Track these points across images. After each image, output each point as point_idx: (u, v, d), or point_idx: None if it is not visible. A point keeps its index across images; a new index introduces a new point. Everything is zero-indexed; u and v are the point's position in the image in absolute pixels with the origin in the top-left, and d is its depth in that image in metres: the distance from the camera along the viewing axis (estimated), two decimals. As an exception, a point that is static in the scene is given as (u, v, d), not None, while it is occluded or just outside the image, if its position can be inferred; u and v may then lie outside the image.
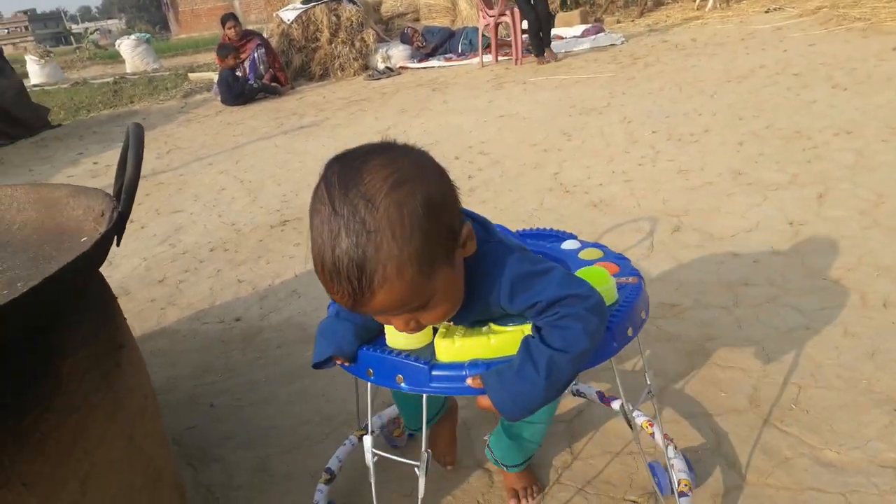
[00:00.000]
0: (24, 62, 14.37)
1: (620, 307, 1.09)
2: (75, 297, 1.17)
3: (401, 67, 8.75)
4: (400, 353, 1.04)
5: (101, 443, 1.06)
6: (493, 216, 2.93)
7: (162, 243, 3.32)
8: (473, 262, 0.98)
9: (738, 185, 2.91)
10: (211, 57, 12.07)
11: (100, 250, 1.13)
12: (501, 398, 0.95)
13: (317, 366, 1.11)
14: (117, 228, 1.22)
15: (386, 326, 1.07)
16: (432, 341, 1.05)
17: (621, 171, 3.33)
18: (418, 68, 8.62)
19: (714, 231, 2.49)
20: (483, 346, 1.01)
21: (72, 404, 1.03)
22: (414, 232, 0.84)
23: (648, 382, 1.26)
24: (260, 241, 3.13)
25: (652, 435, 1.43)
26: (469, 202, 3.15)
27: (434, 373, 1.00)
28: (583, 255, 1.30)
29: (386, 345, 1.07)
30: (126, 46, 14.65)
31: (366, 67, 8.99)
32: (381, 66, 8.79)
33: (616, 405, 1.48)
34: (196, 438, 1.68)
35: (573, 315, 0.94)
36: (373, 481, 1.18)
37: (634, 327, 1.09)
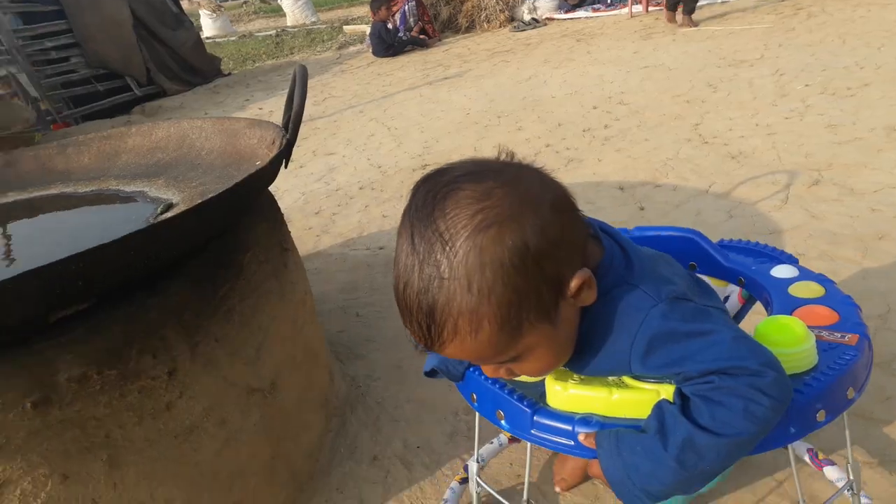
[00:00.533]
0: (198, 16, 15.55)
1: (814, 379, 0.80)
2: (252, 207, 1.43)
3: (547, 19, 8.69)
4: (505, 385, 0.89)
5: (272, 320, 1.32)
6: (625, 165, 3.00)
7: (318, 181, 3.68)
8: (597, 306, 0.78)
9: (891, 142, 2.78)
10: (365, 10, 12.53)
11: (272, 169, 1.36)
12: (614, 468, 0.76)
13: (428, 374, 1.00)
14: (285, 153, 1.46)
15: None
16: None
17: (766, 125, 3.25)
18: (565, 19, 8.53)
19: (855, 186, 2.43)
20: (602, 401, 0.82)
21: (250, 288, 1.28)
22: (496, 286, 0.69)
23: (851, 477, 1.02)
24: (402, 183, 3.39)
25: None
26: (602, 150, 3.22)
27: (536, 418, 0.84)
28: (794, 289, 0.97)
29: None
30: (287, 1, 15.46)
31: (511, 19, 9.01)
32: (526, 17, 8.78)
33: (832, 475, 1.20)
34: (344, 340, 1.97)
35: (734, 389, 0.71)
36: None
37: (830, 410, 0.80)
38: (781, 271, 1.02)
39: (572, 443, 0.81)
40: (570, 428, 0.81)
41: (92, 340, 1.00)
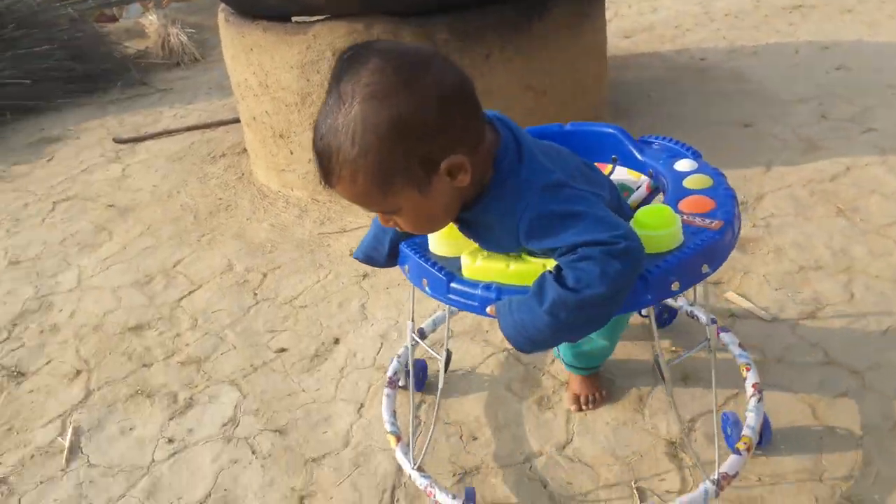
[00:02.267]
0: None
1: (672, 256, 0.97)
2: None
3: None
4: (429, 258, 1.07)
5: (571, 48, 2.29)
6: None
7: (696, 5, 4.22)
8: (493, 193, 0.94)
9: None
10: None
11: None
12: (507, 325, 0.94)
13: (357, 257, 1.20)
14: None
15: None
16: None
17: None
18: None
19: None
20: (501, 272, 0.99)
21: (556, 25, 2.20)
22: (371, 148, 0.84)
23: (709, 323, 1.17)
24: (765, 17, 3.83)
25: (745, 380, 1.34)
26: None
27: (452, 285, 1.01)
28: (688, 181, 1.15)
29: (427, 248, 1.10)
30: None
31: None
32: None
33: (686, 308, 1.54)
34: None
35: (592, 257, 0.87)
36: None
37: (684, 280, 0.97)
38: (683, 165, 1.19)
39: (476, 304, 0.99)
40: (476, 292, 0.99)
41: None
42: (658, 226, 0.97)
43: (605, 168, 1.28)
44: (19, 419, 1.63)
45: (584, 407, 1.43)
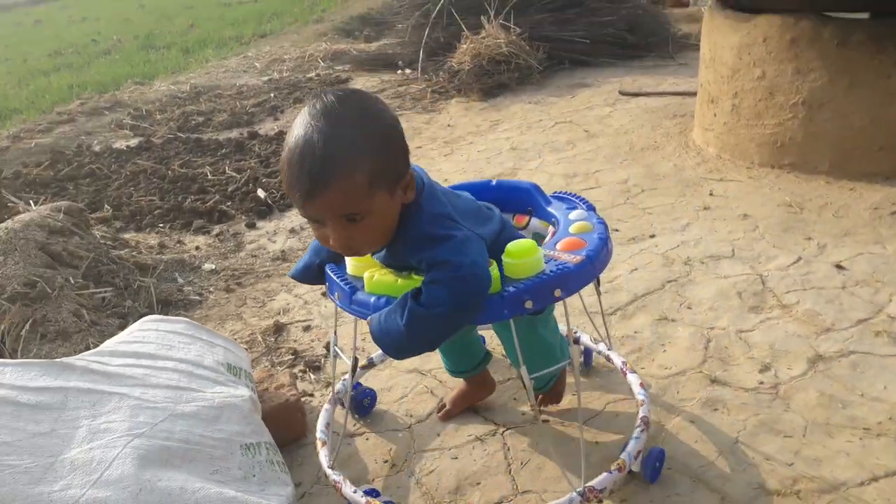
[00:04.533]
0: None
1: (529, 280, 1.16)
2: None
3: None
4: (342, 276, 1.30)
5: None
6: None
7: None
8: (405, 215, 1.17)
9: None
10: None
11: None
12: (377, 332, 1.15)
13: (293, 276, 1.43)
14: None
15: (346, 258, 1.31)
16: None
17: None
18: None
19: None
20: (391, 286, 1.20)
21: None
22: (372, 147, 1.08)
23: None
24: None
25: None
26: None
27: (353, 297, 1.23)
28: (573, 227, 1.33)
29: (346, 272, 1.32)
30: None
31: None
32: None
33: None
34: None
35: (441, 280, 1.10)
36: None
37: (537, 301, 1.16)
38: (575, 214, 1.38)
39: (369, 312, 1.20)
40: (370, 300, 1.21)
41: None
42: (521, 255, 1.18)
43: (524, 219, 1.49)
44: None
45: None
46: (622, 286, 2.15)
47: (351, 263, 1.31)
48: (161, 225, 2.98)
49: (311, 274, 1.38)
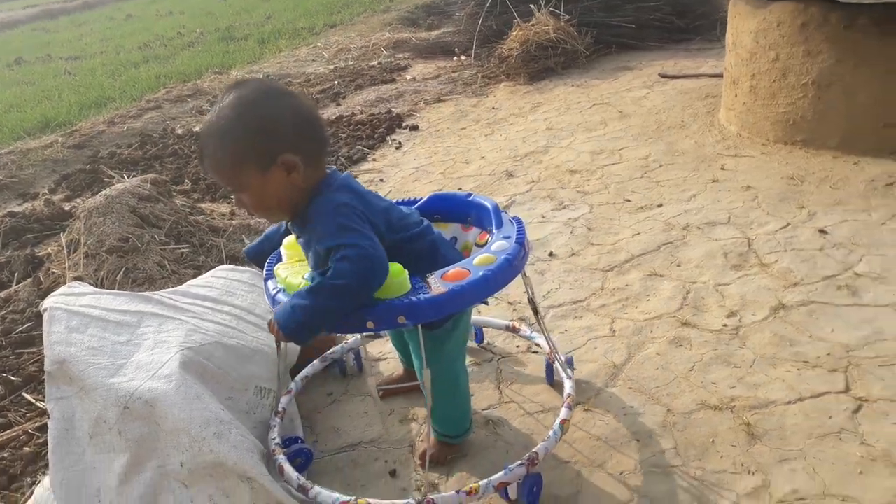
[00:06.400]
0: None
1: (392, 301, 1.28)
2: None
3: None
4: (276, 284, 1.46)
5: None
6: None
7: None
8: (313, 203, 1.34)
9: None
10: None
11: None
12: (280, 315, 1.29)
13: (247, 254, 1.66)
14: None
15: (281, 249, 1.54)
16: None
17: None
18: None
19: None
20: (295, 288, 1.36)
21: None
22: (229, 135, 1.30)
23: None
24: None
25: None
26: None
27: (276, 297, 1.40)
28: (478, 259, 1.38)
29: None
30: None
31: None
32: None
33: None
34: None
35: (348, 257, 1.24)
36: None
37: (378, 323, 1.30)
38: (497, 245, 1.43)
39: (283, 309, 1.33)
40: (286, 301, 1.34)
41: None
42: (393, 274, 1.30)
43: (485, 237, 1.58)
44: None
45: (430, 463, 1.59)
46: (623, 248, 2.43)
47: (286, 253, 1.54)
48: (231, 197, 3.41)
49: (262, 258, 1.61)
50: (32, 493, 1.66)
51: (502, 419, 1.73)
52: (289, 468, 1.54)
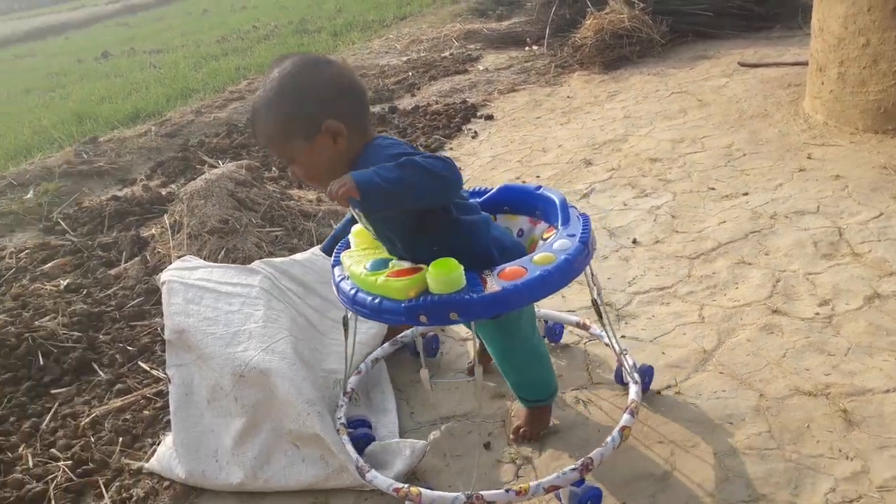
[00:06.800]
0: None
1: (445, 297, 1.28)
2: None
3: None
4: (342, 271, 1.49)
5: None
6: None
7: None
8: (364, 154, 1.38)
9: None
10: None
11: None
12: (362, 180, 1.21)
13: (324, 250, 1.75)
14: None
15: (350, 237, 1.58)
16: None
17: None
18: None
19: None
20: (372, 284, 1.36)
21: None
22: (274, 108, 1.36)
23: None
24: None
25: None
26: None
27: (354, 296, 1.39)
28: (537, 258, 1.36)
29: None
30: None
31: None
32: None
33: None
34: None
35: (437, 156, 1.30)
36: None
37: (431, 318, 1.30)
38: (559, 244, 1.40)
39: (367, 311, 1.38)
40: (368, 300, 1.36)
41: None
42: (445, 272, 1.29)
43: (551, 231, 1.54)
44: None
45: (522, 440, 1.65)
46: (708, 236, 2.43)
47: (354, 241, 1.57)
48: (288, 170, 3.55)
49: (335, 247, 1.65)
50: (154, 451, 1.80)
51: (591, 399, 1.78)
52: (351, 449, 1.60)
